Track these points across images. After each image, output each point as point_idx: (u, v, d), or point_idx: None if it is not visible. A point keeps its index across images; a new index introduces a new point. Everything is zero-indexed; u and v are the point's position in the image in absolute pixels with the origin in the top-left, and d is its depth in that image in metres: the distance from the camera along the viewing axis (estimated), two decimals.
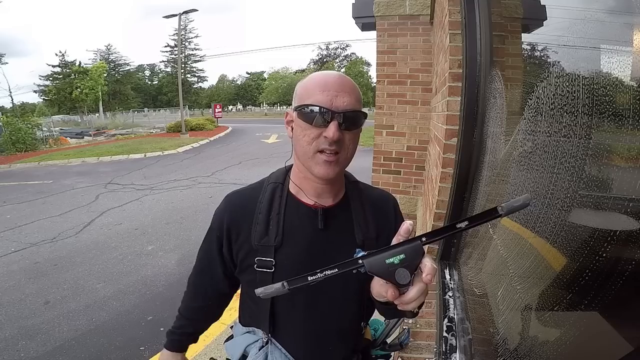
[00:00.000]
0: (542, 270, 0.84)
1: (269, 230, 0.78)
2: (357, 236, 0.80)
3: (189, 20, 43.52)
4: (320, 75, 0.74)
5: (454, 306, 1.42)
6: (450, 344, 1.25)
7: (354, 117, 0.72)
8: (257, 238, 0.78)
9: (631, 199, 0.53)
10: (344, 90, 0.71)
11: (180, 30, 24.00)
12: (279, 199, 0.81)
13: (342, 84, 0.72)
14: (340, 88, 0.71)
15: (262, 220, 0.79)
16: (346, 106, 0.70)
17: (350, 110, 0.71)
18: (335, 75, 0.74)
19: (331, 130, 0.69)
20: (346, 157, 0.75)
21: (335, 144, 0.70)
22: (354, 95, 0.73)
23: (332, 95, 0.70)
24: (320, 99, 0.70)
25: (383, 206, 0.86)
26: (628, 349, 0.48)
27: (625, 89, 0.56)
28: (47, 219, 5.43)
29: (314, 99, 0.71)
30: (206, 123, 19.86)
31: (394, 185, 3.59)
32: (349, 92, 0.72)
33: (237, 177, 7.99)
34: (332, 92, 0.70)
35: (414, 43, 3.29)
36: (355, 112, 0.72)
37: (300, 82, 0.78)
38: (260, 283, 0.78)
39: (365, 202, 0.84)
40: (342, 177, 0.84)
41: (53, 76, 37.89)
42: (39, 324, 2.80)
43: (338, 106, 0.70)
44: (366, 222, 0.82)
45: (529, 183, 1.00)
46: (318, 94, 0.71)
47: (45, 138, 15.51)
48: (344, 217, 0.81)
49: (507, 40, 1.39)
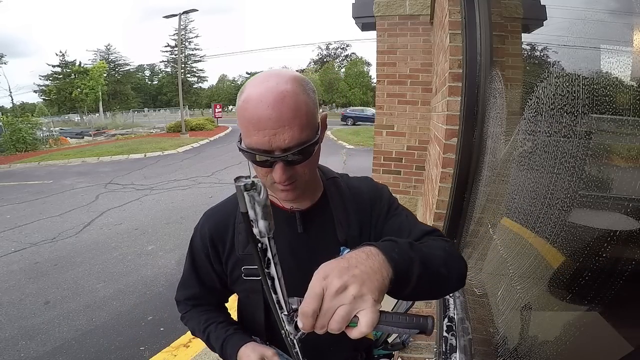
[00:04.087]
0: (542, 270, 0.84)
1: None
2: (340, 235, 0.78)
3: (189, 21, 43.62)
4: (254, 106, 0.60)
5: (454, 306, 1.42)
6: (450, 344, 1.25)
7: (301, 152, 0.63)
8: (241, 247, 0.77)
9: (631, 199, 0.53)
10: (282, 125, 0.59)
11: (180, 30, 24.01)
12: None
13: (279, 116, 0.59)
14: (277, 123, 0.59)
15: (243, 229, 0.77)
16: (288, 143, 0.60)
17: (294, 147, 0.61)
18: (271, 100, 0.59)
19: (277, 173, 0.63)
20: (305, 179, 0.69)
21: (288, 179, 0.65)
22: (296, 123, 0.60)
23: (269, 134, 0.60)
24: (257, 141, 0.61)
25: (362, 193, 0.83)
26: (628, 349, 0.48)
27: (625, 89, 0.56)
28: (47, 219, 5.44)
29: (251, 140, 0.61)
30: (206, 123, 19.88)
31: (394, 185, 3.59)
32: (288, 123, 0.60)
33: None
34: (269, 130, 0.59)
35: (414, 43, 3.28)
36: (300, 147, 0.62)
37: (239, 99, 0.64)
38: (252, 291, 0.79)
39: (346, 197, 0.81)
40: (315, 178, 0.79)
41: (53, 76, 37.96)
42: (39, 324, 2.80)
43: (279, 146, 0.60)
44: (348, 219, 0.79)
45: (529, 183, 1.00)
46: (254, 134, 0.61)
47: (45, 138, 15.52)
48: (324, 217, 0.79)
49: (507, 40, 1.39)
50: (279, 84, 0.61)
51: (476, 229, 1.56)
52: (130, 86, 44.76)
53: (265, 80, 0.62)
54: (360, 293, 0.44)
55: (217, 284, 0.85)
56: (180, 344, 2.51)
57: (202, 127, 19.03)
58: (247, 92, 0.62)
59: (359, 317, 0.44)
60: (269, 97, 0.59)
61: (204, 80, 49.76)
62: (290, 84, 0.61)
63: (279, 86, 0.60)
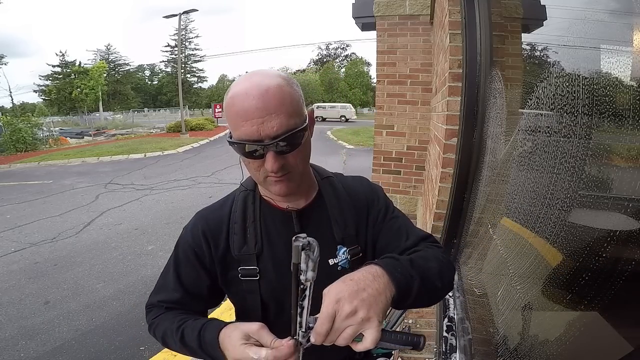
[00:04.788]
0: (542, 270, 0.84)
1: (247, 238, 0.77)
2: (337, 234, 0.79)
3: (189, 21, 43.59)
4: (240, 99, 0.63)
5: (454, 306, 1.42)
6: (450, 344, 1.25)
7: (291, 138, 0.64)
8: (237, 248, 0.77)
9: (631, 199, 0.53)
10: (269, 112, 0.61)
11: (180, 30, 24.00)
12: (252, 206, 0.79)
13: (266, 106, 0.61)
14: (264, 111, 0.61)
15: (239, 230, 0.77)
16: (277, 130, 0.62)
17: (283, 134, 0.63)
18: (256, 93, 0.62)
19: (269, 162, 0.64)
20: (299, 170, 0.70)
21: (281, 170, 0.66)
22: (284, 110, 0.63)
23: (257, 123, 0.61)
24: (246, 132, 0.62)
25: (358, 193, 0.84)
26: (628, 349, 0.48)
27: (625, 89, 0.56)
28: (47, 219, 5.44)
29: (241, 132, 0.63)
30: (206, 123, 19.88)
31: (394, 185, 3.59)
32: (275, 111, 0.62)
33: (237, 177, 7.90)
34: (256, 119, 0.61)
35: (414, 43, 3.29)
36: (289, 133, 0.63)
37: (225, 98, 0.67)
38: (248, 292, 0.78)
39: (341, 196, 0.82)
40: (309, 176, 0.80)
41: (53, 76, 37.94)
42: (39, 324, 2.80)
43: (268, 134, 0.62)
44: (344, 218, 0.80)
45: (529, 183, 1.00)
46: (242, 125, 0.62)
47: (45, 138, 15.52)
48: (320, 216, 0.80)
49: (507, 40, 1.39)
50: (263, 79, 0.64)
51: (476, 229, 1.56)
52: (130, 86, 44.73)
53: (249, 78, 0.65)
54: (367, 316, 0.52)
55: (203, 289, 0.80)
56: None
57: (202, 127, 19.04)
58: (233, 89, 0.65)
59: (365, 335, 0.53)
60: (254, 89, 0.62)
61: (204, 80, 49.83)
62: (274, 79, 0.64)
63: (263, 80, 0.64)
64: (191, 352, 0.73)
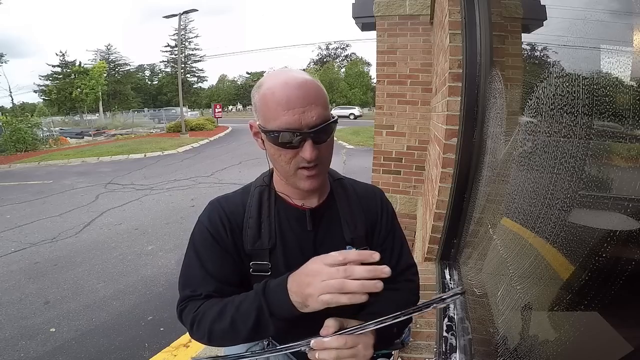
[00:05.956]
0: (542, 270, 0.84)
1: (262, 233, 0.77)
2: (346, 234, 0.80)
3: (189, 21, 43.62)
4: (281, 89, 0.65)
5: (454, 306, 1.42)
6: (450, 344, 1.25)
7: (326, 128, 0.67)
8: (251, 242, 0.77)
9: (631, 199, 0.53)
10: (310, 102, 0.64)
11: (180, 30, 24.01)
12: (267, 202, 0.80)
13: (307, 95, 0.64)
14: (306, 101, 0.64)
15: (254, 224, 0.77)
16: (316, 120, 0.65)
17: (321, 123, 0.65)
18: (296, 83, 0.65)
19: (307, 151, 0.66)
20: (326, 165, 0.73)
21: (316, 159, 0.68)
22: (321, 101, 0.66)
23: (299, 112, 0.63)
24: (287, 120, 0.64)
25: (369, 202, 0.86)
26: (628, 349, 0.48)
27: (625, 89, 0.56)
28: (47, 219, 5.43)
29: (281, 121, 0.64)
30: (206, 123, 19.87)
31: (394, 185, 3.59)
32: (315, 101, 0.65)
33: (237, 177, 7.99)
34: (298, 108, 0.63)
35: (414, 43, 3.28)
36: (326, 124, 0.66)
37: (258, 92, 0.68)
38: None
39: (352, 199, 0.84)
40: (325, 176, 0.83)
41: (53, 76, 37.91)
42: (39, 324, 2.80)
43: (308, 123, 0.64)
44: (354, 219, 0.81)
45: (529, 183, 1.00)
46: (283, 114, 0.64)
47: (45, 138, 15.51)
48: (331, 216, 0.81)
49: (507, 40, 1.39)
50: (297, 73, 0.68)
51: (476, 229, 1.56)
52: (130, 86, 44.70)
53: (282, 73, 0.69)
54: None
55: (231, 273, 0.76)
56: (180, 344, 2.50)
57: (202, 127, 19.02)
58: (269, 82, 0.68)
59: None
60: (294, 81, 0.65)
61: (204, 80, 49.84)
62: (305, 74, 0.69)
63: (298, 74, 0.68)
64: (245, 322, 0.66)
